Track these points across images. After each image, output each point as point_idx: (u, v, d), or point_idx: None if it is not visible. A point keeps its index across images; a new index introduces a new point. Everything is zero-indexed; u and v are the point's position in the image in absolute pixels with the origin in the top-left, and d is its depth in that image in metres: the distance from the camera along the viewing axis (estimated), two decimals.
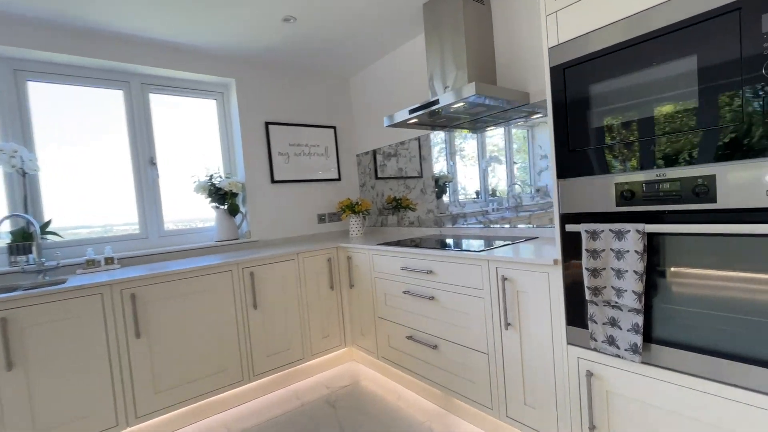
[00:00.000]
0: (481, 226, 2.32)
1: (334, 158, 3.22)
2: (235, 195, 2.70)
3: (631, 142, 1.16)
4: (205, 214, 2.76)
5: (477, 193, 2.37)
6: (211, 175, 2.64)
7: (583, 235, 1.25)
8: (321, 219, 3.13)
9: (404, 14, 2.31)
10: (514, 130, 2.13)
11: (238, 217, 2.83)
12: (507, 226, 2.18)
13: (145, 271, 1.95)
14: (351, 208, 2.96)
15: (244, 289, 2.18)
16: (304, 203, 3.05)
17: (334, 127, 3.22)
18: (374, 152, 3.13)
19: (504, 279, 1.55)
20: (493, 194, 2.28)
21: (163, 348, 1.91)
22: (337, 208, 3.08)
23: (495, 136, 2.23)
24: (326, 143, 3.18)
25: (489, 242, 1.95)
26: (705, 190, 1.03)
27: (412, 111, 2.09)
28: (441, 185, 2.61)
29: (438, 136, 2.57)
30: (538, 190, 2.04)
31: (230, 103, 2.84)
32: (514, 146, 2.14)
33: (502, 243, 1.86)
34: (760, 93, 0.93)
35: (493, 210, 2.28)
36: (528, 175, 2.08)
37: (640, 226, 1.12)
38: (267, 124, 2.86)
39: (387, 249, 2.17)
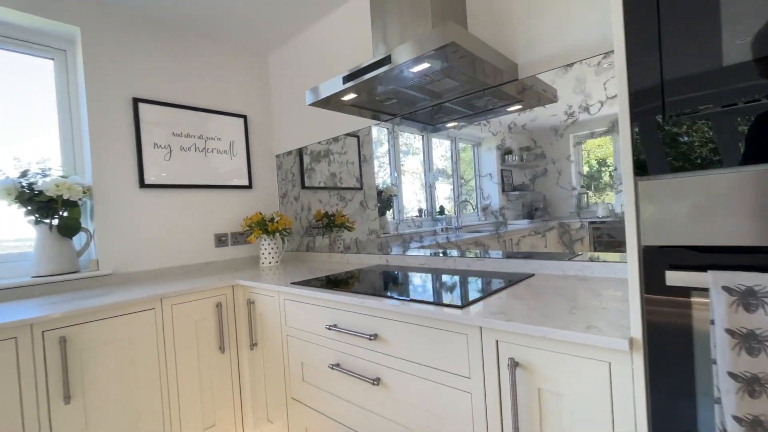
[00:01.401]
0: (439, 252, 1.62)
1: (244, 157, 2.36)
2: (72, 204, 1.73)
3: None
4: (29, 233, 1.74)
5: (420, 211, 1.76)
6: (26, 171, 1.65)
7: (717, 300, 0.57)
8: (220, 241, 2.23)
9: None
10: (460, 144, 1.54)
11: (81, 237, 1.84)
12: (478, 254, 1.50)
13: None
14: (262, 226, 2.11)
15: (45, 370, 1.23)
16: (195, 219, 2.13)
17: (244, 117, 2.37)
18: (300, 152, 2.34)
19: (514, 364, 0.83)
20: (441, 212, 1.67)
21: None
22: (242, 227, 2.21)
23: (442, 147, 1.63)
24: (232, 137, 2.31)
25: (463, 282, 1.24)
26: None
27: (347, 78, 1.35)
28: (385, 199, 1.89)
29: (381, 147, 1.86)
30: (484, 208, 1.43)
31: (76, 66, 1.88)
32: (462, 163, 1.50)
33: (491, 287, 1.15)
34: None
35: (442, 230, 1.64)
36: (476, 191, 1.43)
37: None
38: (136, 101, 1.94)
39: (306, 293, 1.36)
